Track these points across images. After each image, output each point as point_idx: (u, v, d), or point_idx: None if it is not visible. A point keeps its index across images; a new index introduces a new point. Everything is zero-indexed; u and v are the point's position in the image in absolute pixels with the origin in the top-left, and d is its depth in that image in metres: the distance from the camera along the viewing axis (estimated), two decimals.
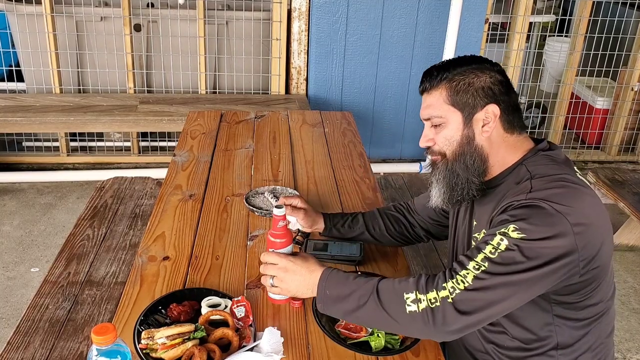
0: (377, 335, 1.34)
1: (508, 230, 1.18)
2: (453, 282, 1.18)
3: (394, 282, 1.25)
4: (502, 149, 1.35)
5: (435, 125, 1.36)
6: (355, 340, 1.34)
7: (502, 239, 1.18)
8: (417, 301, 1.19)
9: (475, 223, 1.41)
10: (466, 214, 1.46)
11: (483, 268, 1.17)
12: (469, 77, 1.33)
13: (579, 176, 1.32)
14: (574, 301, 1.29)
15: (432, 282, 1.21)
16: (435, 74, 1.35)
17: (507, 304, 1.18)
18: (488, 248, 1.19)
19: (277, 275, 1.36)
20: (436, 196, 1.40)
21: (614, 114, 4.35)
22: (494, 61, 1.38)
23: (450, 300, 1.16)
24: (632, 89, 4.23)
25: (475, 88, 1.32)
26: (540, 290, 1.20)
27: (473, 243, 1.40)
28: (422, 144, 1.40)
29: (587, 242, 1.18)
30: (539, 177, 1.27)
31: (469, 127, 1.33)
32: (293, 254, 1.40)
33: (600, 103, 4.39)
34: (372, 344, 1.33)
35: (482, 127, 1.33)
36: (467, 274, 1.18)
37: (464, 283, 1.17)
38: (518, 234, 1.17)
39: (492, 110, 1.32)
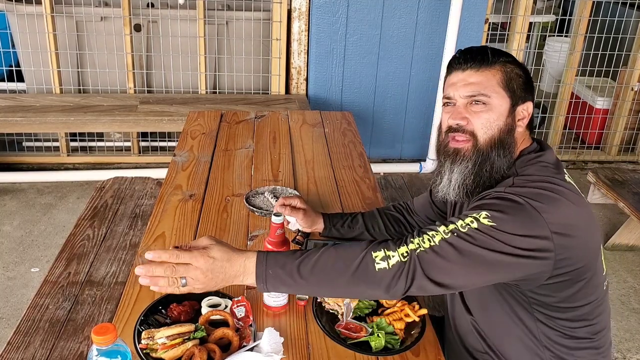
0: (377, 335, 1.34)
1: (479, 216, 1.17)
2: (419, 240, 1.17)
3: (353, 244, 1.20)
4: (516, 147, 1.35)
5: (476, 104, 1.30)
6: (355, 340, 1.34)
7: (472, 221, 1.17)
8: (386, 258, 1.16)
9: None
10: (463, 212, 1.46)
11: (450, 235, 1.16)
12: (518, 68, 1.33)
13: (568, 179, 1.30)
14: (555, 302, 1.28)
15: (400, 241, 1.19)
16: (491, 52, 1.31)
17: (463, 272, 1.16)
18: (459, 222, 1.18)
19: (191, 277, 1.16)
20: (448, 185, 1.34)
21: (614, 114, 4.35)
22: None
23: (417, 253, 1.15)
24: (632, 89, 4.23)
25: (523, 81, 1.32)
26: (504, 278, 1.20)
27: None
28: (456, 119, 1.32)
29: (566, 243, 1.18)
30: (523, 176, 1.27)
31: (511, 117, 1.31)
32: (206, 247, 1.19)
33: (600, 103, 4.39)
34: (372, 344, 1.33)
35: (518, 121, 1.32)
36: (436, 234, 1.17)
37: (430, 242, 1.16)
38: (489, 221, 1.16)
39: (529, 107, 1.33)
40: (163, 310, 1.39)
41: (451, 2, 3.63)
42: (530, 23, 4.24)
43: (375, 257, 1.16)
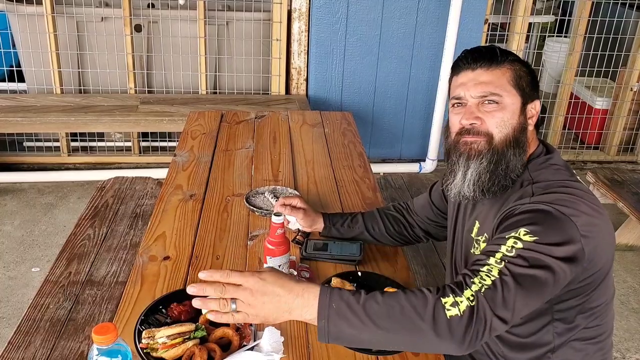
0: None
1: (519, 234, 1.14)
2: (478, 279, 1.09)
3: (417, 291, 1.10)
4: (527, 147, 1.34)
5: (489, 103, 1.29)
6: None
7: (515, 242, 1.14)
8: (455, 304, 1.06)
9: (478, 225, 1.40)
10: (466, 214, 1.46)
11: (503, 264, 1.11)
12: (525, 67, 1.33)
13: (579, 180, 1.32)
14: (574, 305, 1.28)
15: (460, 284, 1.10)
16: (499, 51, 1.31)
17: (526, 300, 1.11)
18: (503, 248, 1.14)
19: (241, 299, 1.08)
20: (461, 182, 1.32)
21: (613, 114, 4.35)
22: None
23: (482, 293, 1.07)
24: (631, 89, 4.23)
25: (531, 78, 1.33)
26: (553, 293, 1.16)
27: (475, 245, 1.40)
28: (469, 119, 1.30)
29: (592, 245, 1.18)
30: (540, 182, 1.27)
31: (524, 115, 1.31)
32: (259, 271, 1.13)
33: (600, 103, 4.39)
34: None
35: (528, 119, 1.32)
36: (491, 268, 1.11)
37: (489, 277, 1.09)
38: (530, 237, 1.13)
39: (537, 105, 1.33)
40: (163, 310, 1.39)
41: (451, 2, 3.64)
42: (530, 23, 4.24)
43: (445, 303, 1.06)
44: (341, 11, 3.79)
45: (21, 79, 3.95)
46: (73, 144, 4.00)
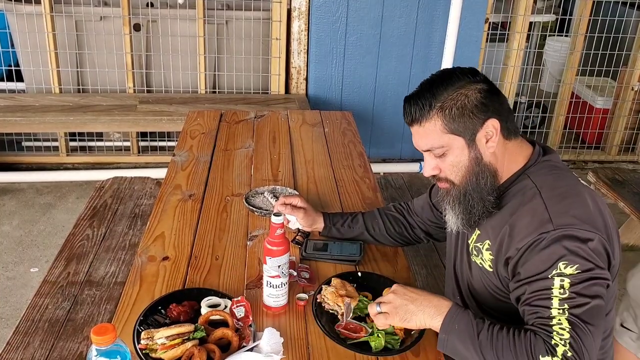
0: (377, 335, 1.33)
1: (560, 269, 1.18)
2: (557, 337, 1.15)
3: (522, 341, 1.18)
4: (506, 158, 1.34)
5: (437, 155, 1.32)
6: (355, 341, 1.33)
7: (562, 280, 1.18)
8: None
9: (478, 232, 1.39)
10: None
11: (566, 309, 1.16)
12: (459, 99, 1.28)
13: (578, 178, 1.33)
14: None
15: (548, 344, 1.16)
16: (423, 104, 1.29)
17: (601, 324, 1.19)
18: (556, 292, 1.18)
19: (384, 302, 1.31)
20: (453, 222, 1.37)
21: (614, 113, 4.35)
22: (467, 68, 1.33)
23: (568, 349, 1.14)
24: (632, 89, 4.23)
25: (469, 109, 1.27)
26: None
27: (474, 252, 1.40)
28: (428, 173, 1.36)
29: (613, 246, 1.24)
30: (548, 191, 1.26)
31: (474, 148, 1.30)
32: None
33: (601, 103, 4.38)
34: (372, 344, 1.32)
35: (486, 143, 1.30)
36: (560, 320, 1.16)
37: (564, 331, 1.15)
38: (571, 267, 1.17)
39: (492, 124, 1.29)
40: (162, 311, 1.39)
41: (451, 1, 3.62)
42: (531, 22, 4.23)
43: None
44: (341, 10, 3.78)
45: (20, 79, 3.94)
46: (72, 143, 3.99)
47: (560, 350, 1.15)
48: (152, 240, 1.71)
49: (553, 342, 1.15)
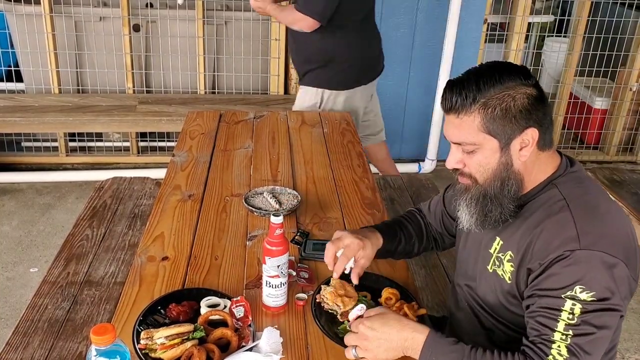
0: None
1: (575, 293, 1.14)
2: (551, 359, 1.15)
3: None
4: (535, 168, 1.28)
5: (464, 151, 1.27)
6: None
7: (574, 304, 1.14)
8: None
9: (500, 242, 1.33)
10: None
11: (571, 336, 1.14)
12: (505, 100, 1.20)
13: (605, 191, 1.31)
14: None
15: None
16: (466, 95, 1.21)
17: (603, 349, 1.19)
18: (564, 315, 1.15)
19: (358, 345, 1.26)
20: (467, 220, 1.32)
21: (613, 114, 4.35)
22: (521, 67, 1.27)
23: None
24: (631, 89, 4.23)
25: (513, 113, 1.21)
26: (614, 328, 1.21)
27: (497, 263, 1.34)
28: (451, 165, 1.29)
29: (634, 267, 1.21)
30: (577, 206, 1.22)
31: (506, 153, 1.24)
32: (364, 316, 1.29)
33: (599, 103, 4.39)
34: None
35: (520, 150, 1.24)
36: (560, 346, 1.15)
37: (561, 356, 1.14)
38: (587, 294, 1.14)
39: (532, 134, 1.22)
40: (162, 311, 1.39)
41: (450, 2, 3.63)
42: (529, 23, 4.24)
43: None
44: None
45: (19, 79, 3.94)
46: (71, 144, 3.99)
47: None
48: (152, 240, 1.72)
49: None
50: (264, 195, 1.98)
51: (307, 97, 2.97)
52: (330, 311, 1.41)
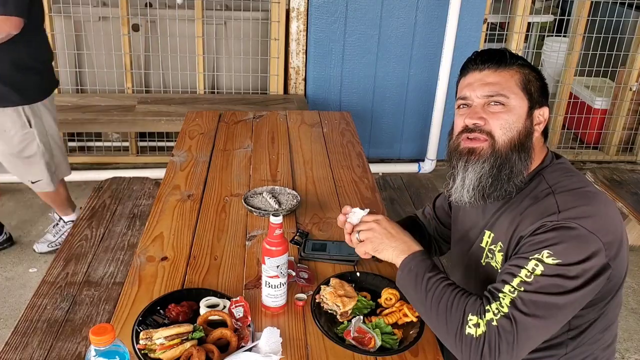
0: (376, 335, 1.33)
1: (542, 256, 1.15)
2: (496, 305, 1.15)
3: (462, 296, 1.21)
4: (534, 154, 1.30)
5: (495, 105, 1.26)
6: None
7: (537, 264, 1.15)
8: (477, 325, 1.15)
9: (492, 235, 1.34)
10: (478, 220, 1.41)
11: (519, 291, 1.14)
12: (535, 72, 1.31)
13: (590, 181, 1.32)
14: (592, 315, 1.28)
15: (484, 305, 1.18)
16: (508, 54, 1.29)
17: (544, 329, 1.15)
18: (523, 272, 1.15)
19: (365, 234, 1.37)
20: (466, 185, 1.29)
21: (613, 114, 4.35)
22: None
23: (495, 325, 1.14)
24: (631, 89, 4.23)
25: (540, 85, 1.30)
26: (575, 311, 1.18)
27: (489, 255, 1.35)
28: (473, 118, 1.27)
29: (615, 256, 1.19)
30: (562, 191, 1.23)
31: (530, 120, 1.28)
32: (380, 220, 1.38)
33: (599, 103, 4.39)
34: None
35: (535, 125, 1.29)
36: (504, 297, 1.15)
37: (505, 307, 1.14)
38: (553, 259, 1.14)
39: (545, 112, 1.30)
40: (161, 311, 1.39)
41: (450, 2, 3.63)
42: (529, 23, 4.24)
43: (470, 320, 1.17)
44: (340, 10, 3.78)
45: None
46: (70, 144, 3.99)
47: (488, 316, 1.15)
48: (151, 240, 1.71)
49: (487, 307, 1.16)
50: (263, 195, 1.97)
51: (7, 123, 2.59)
52: (329, 311, 1.41)
